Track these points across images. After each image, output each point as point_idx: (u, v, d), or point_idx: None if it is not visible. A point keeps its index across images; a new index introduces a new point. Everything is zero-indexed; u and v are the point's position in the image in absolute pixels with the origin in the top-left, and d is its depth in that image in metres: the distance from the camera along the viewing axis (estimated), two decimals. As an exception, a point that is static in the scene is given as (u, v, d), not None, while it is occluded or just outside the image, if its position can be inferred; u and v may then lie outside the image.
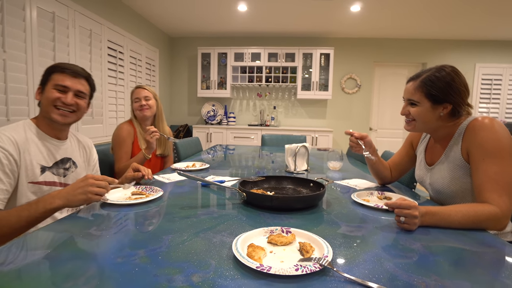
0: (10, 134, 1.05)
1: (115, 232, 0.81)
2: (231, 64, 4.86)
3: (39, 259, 0.65)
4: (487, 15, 3.81)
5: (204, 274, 0.60)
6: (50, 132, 1.19)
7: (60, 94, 1.15)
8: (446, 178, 1.15)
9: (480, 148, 1.02)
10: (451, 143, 1.14)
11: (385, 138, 5.33)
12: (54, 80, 1.16)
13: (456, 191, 1.13)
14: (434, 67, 1.13)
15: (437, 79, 1.09)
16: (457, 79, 1.09)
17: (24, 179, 1.06)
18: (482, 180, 1.00)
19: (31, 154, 1.09)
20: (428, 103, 1.11)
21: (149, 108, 1.95)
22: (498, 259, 0.73)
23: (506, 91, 4.97)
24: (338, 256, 0.70)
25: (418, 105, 1.14)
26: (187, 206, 1.06)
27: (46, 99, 1.15)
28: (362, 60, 5.08)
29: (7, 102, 2.16)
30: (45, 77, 1.17)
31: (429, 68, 1.15)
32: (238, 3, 3.67)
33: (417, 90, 1.12)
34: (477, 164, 1.03)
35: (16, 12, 2.22)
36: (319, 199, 1.11)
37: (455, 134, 1.13)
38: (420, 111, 1.13)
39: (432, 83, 1.09)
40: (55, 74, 1.17)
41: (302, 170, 1.78)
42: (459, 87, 1.08)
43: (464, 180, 1.10)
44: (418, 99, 1.13)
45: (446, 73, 1.09)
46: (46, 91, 1.15)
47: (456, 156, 1.11)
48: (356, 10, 3.78)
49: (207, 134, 4.79)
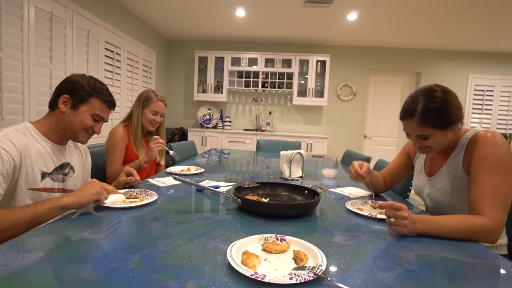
0: (12, 139, 1.01)
1: (109, 236, 0.80)
2: (227, 68, 4.88)
3: (32, 262, 0.64)
4: (481, 27, 3.89)
5: (198, 281, 0.60)
6: (54, 138, 1.16)
7: (94, 123, 1.17)
8: (446, 189, 1.16)
9: (481, 161, 1.03)
10: (453, 155, 1.15)
11: (379, 146, 5.38)
12: (93, 108, 1.15)
13: (454, 203, 1.14)
14: (424, 94, 1.08)
15: (436, 110, 1.05)
16: (452, 99, 1.07)
17: (24, 185, 1.03)
18: (479, 192, 1.01)
19: (32, 160, 1.05)
20: (438, 132, 1.08)
21: (157, 125, 1.94)
22: (490, 271, 0.74)
23: (498, 102, 5.06)
24: (332, 265, 0.71)
25: (429, 137, 1.10)
26: (182, 211, 1.06)
27: (78, 123, 1.13)
28: (357, 68, 5.13)
29: (1, 100, 2.13)
30: (81, 95, 1.13)
31: (414, 97, 1.10)
32: (236, 8, 3.69)
33: (422, 126, 1.08)
34: (476, 176, 1.04)
35: (13, 11, 2.20)
36: (314, 207, 1.12)
37: (458, 146, 1.14)
38: (434, 140, 1.10)
39: (433, 115, 1.05)
40: (95, 100, 1.15)
41: (297, 176, 1.79)
42: (457, 104, 1.07)
43: (464, 192, 1.11)
44: (427, 133, 1.09)
45: (441, 98, 1.05)
46: (80, 113, 1.13)
47: (457, 168, 1.13)
48: (353, 18, 3.83)
49: (202, 137, 4.79)
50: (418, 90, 1.11)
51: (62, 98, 1.12)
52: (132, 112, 1.89)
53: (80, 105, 1.13)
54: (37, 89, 2.43)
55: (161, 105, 1.89)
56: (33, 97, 2.38)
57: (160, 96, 1.91)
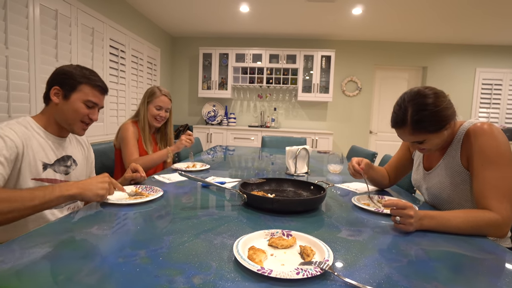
0: (14, 129, 1.03)
1: (116, 232, 0.81)
2: (232, 64, 4.86)
3: (39, 258, 0.65)
4: (488, 19, 3.83)
5: (205, 276, 0.60)
6: (53, 131, 1.18)
7: (88, 110, 1.16)
8: (444, 183, 1.15)
9: (479, 154, 1.02)
10: (450, 149, 1.14)
11: (385, 141, 5.33)
12: (84, 94, 1.14)
13: (453, 197, 1.13)
14: (412, 101, 1.04)
15: (427, 116, 1.02)
16: (441, 101, 1.03)
17: (28, 174, 1.05)
18: (482, 186, 1.00)
19: (34, 150, 1.07)
20: (433, 135, 1.06)
21: (163, 121, 1.94)
22: (498, 265, 0.73)
23: (506, 96, 4.97)
24: (339, 260, 0.70)
25: (425, 141, 1.08)
26: (188, 207, 1.06)
27: (72, 112, 1.14)
28: (363, 63, 5.08)
29: (8, 98, 2.16)
30: (71, 84, 1.13)
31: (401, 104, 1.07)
32: (240, 4, 3.68)
33: (415, 134, 1.06)
34: (477, 170, 1.02)
35: (19, 9, 2.22)
36: (320, 202, 1.11)
37: (454, 140, 1.13)
38: (430, 143, 1.08)
39: (426, 122, 1.03)
40: (85, 86, 1.15)
41: (303, 172, 1.78)
42: (447, 105, 1.04)
43: (462, 186, 1.10)
44: (422, 139, 1.07)
45: (432, 104, 1.02)
46: (72, 101, 1.13)
47: (455, 162, 1.11)
48: (358, 13, 3.79)
49: (207, 134, 4.79)
50: (404, 97, 1.07)
51: (53, 90, 1.13)
52: (139, 109, 1.91)
53: (71, 94, 1.13)
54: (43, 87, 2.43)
55: (164, 100, 1.89)
56: (39, 95, 2.40)
57: (164, 91, 1.91)
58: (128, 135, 1.79)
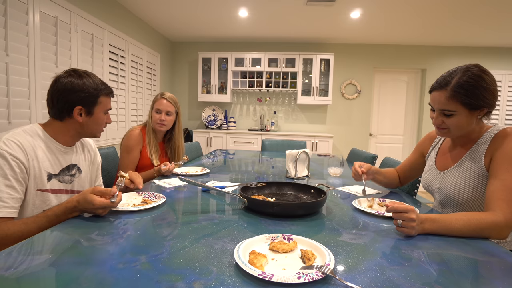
0: (17, 140, 1.01)
1: (116, 238, 0.81)
2: (231, 69, 4.88)
3: (40, 264, 0.65)
4: (487, 21, 3.84)
5: (206, 281, 0.60)
6: (64, 141, 1.17)
7: (105, 116, 1.24)
8: (459, 184, 1.13)
9: (505, 157, 1.01)
10: (473, 149, 1.13)
11: (385, 144, 5.34)
12: (103, 105, 1.20)
13: (466, 199, 1.12)
14: (459, 70, 1.06)
15: (469, 85, 1.02)
16: (488, 79, 1.03)
17: (33, 186, 1.04)
18: (497, 187, 0.99)
19: (39, 161, 1.06)
20: (465, 111, 1.05)
21: (165, 125, 1.90)
22: (501, 268, 0.73)
23: (506, 98, 4.98)
24: (340, 264, 0.70)
25: (454, 115, 1.07)
26: (188, 212, 1.06)
27: (97, 124, 1.21)
28: (362, 66, 5.10)
29: (9, 105, 2.16)
30: (91, 100, 1.15)
31: (452, 71, 1.08)
32: (239, 8, 3.69)
33: (451, 100, 1.05)
34: (497, 171, 1.01)
35: (19, 16, 2.23)
36: (320, 205, 1.11)
37: (479, 140, 1.12)
38: (457, 120, 1.07)
39: (466, 90, 1.02)
40: (103, 98, 1.19)
41: (303, 176, 1.78)
42: (492, 87, 1.03)
43: (479, 189, 1.09)
44: (454, 109, 1.06)
45: (476, 75, 1.02)
46: (97, 115, 1.19)
47: (476, 163, 1.10)
48: (356, 16, 3.81)
49: (207, 138, 4.79)
50: (461, 66, 1.08)
51: (76, 110, 1.13)
52: (148, 116, 1.96)
53: (93, 109, 1.17)
54: (43, 93, 2.45)
55: (162, 102, 1.88)
56: (39, 101, 2.41)
57: (164, 95, 1.91)
58: (130, 144, 1.80)
